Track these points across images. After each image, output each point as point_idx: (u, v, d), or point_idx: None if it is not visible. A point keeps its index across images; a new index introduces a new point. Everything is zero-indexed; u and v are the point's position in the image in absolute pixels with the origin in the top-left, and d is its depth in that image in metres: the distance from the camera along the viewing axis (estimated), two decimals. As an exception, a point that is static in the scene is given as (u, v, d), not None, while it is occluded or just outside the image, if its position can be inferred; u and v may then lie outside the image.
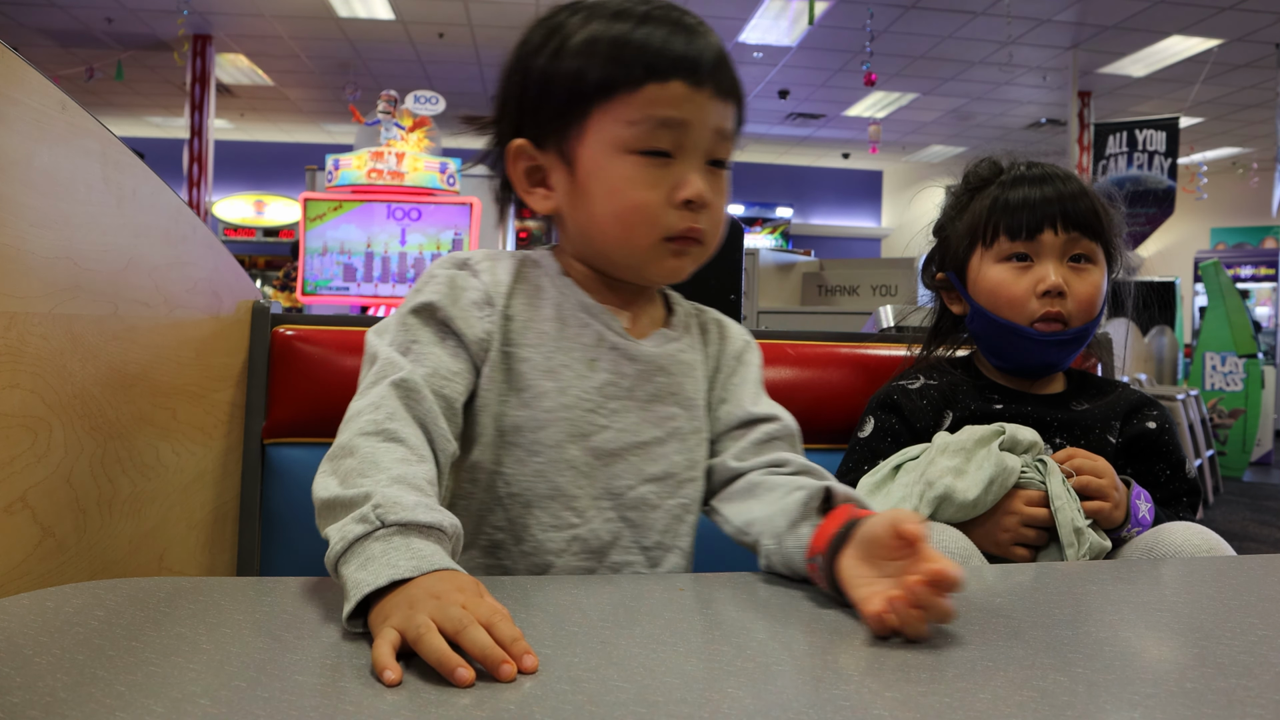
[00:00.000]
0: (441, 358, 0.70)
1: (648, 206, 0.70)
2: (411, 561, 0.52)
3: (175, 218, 0.92)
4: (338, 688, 0.44)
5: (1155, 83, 7.61)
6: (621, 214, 0.71)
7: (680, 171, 0.70)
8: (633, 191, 0.70)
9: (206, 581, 0.63)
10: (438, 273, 0.74)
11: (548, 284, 0.76)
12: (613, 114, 0.69)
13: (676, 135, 0.70)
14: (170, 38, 7.13)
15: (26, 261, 0.64)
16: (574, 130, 0.71)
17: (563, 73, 0.71)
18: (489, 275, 0.75)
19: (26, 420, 0.64)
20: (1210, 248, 10.52)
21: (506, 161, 0.76)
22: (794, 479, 0.74)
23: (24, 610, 0.53)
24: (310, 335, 1.09)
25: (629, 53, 0.69)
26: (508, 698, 0.43)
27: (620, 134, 0.69)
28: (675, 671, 0.48)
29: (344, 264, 4.55)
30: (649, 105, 0.69)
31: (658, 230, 0.71)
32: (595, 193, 0.71)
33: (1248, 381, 6.10)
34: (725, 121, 0.72)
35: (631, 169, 0.70)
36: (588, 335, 0.74)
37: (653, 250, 0.72)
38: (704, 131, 0.71)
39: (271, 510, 1.07)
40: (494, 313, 0.73)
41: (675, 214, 0.71)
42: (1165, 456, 1.04)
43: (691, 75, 0.69)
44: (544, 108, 0.73)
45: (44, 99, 0.66)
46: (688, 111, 0.69)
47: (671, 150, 0.70)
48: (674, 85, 0.69)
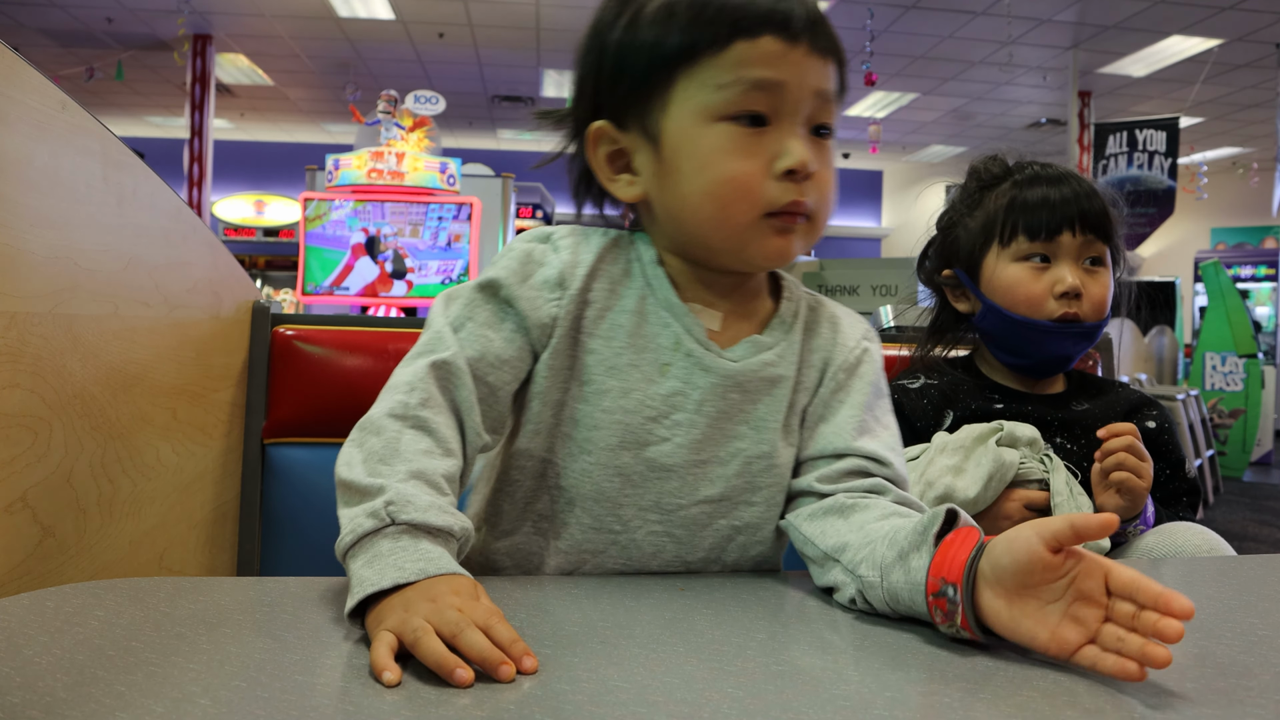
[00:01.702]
0: (493, 342, 0.65)
1: (744, 178, 0.62)
2: (417, 564, 0.52)
3: (175, 217, 0.92)
4: (338, 688, 0.44)
5: (1155, 83, 7.61)
6: (715, 189, 0.63)
7: (779, 138, 0.63)
8: (726, 162, 0.62)
9: (206, 581, 0.63)
10: (516, 245, 0.69)
11: (637, 271, 0.69)
12: (698, 79, 0.63)
13: (772, 98, 0.62)
14: (170, 37, 7.13)
15: (26, 261, 0.64)
16: (657, 102, 0.64)
17: (640, 41, 0.64)
18: (569, 253, 0.68)
19: (26, 420, 0.64)
20: (1210, 248, 10.51)
21: (586, 147, 0.69)
22: (893, 505, 0.65)
23: (24, 610, 0.53)
24: (310, 335, 1.09)
25: (711, 10, 0.62)
26: (507, 698, 0.43)
27: (708, 100, 0.62)
28: (675, 671, 0.48)
29: (344, 264, 4.55)
30: (738, 65, 0.62)
31: (758, 205, 0.63)
32: (684, 168, 0.64)
33: (1248, 381, 6.10)
34: (826, 82, 0.64)
35: (723, 137, 0.63)
36: (666, 336, 0.68)
37: (753, 228, 0.64)
38: (802, 93, 0.63)
39: (271, 510, 1.07)
40: (565, 296, 0.67)
41: (777, 186, 0.63)
42: (1165, 456, 1.04)
43: (784, 29, 0.62)
44: (622, 82, 0.66)
45: (44, 99, 0.66)
46: (783, 70, 0.62)
47: (768, 115, 0.63)
48: (765, 41, 0.61)
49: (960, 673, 0.49)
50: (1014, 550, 0.50)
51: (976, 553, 0.52)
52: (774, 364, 0.69)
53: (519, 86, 8.36)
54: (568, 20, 6.50)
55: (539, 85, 8.28)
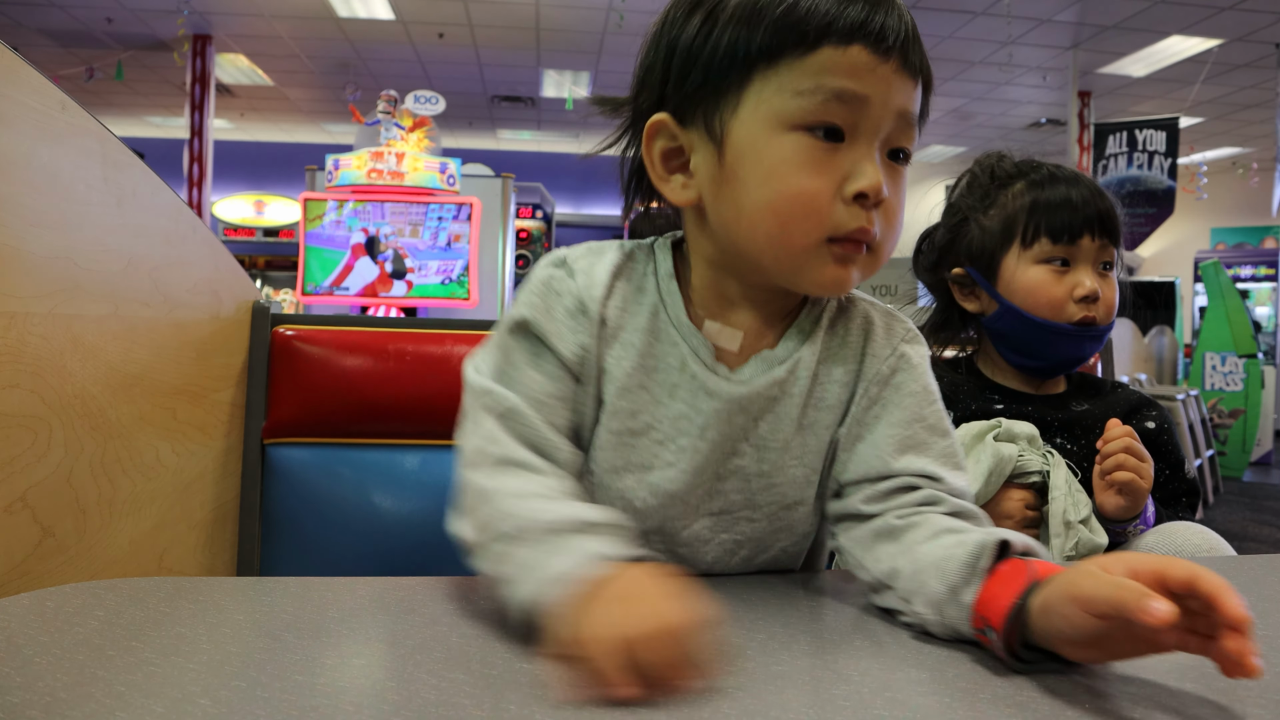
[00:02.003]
0: (536, 381, 0.63)
1: (811, 195, 0.58)
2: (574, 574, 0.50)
3: (175, 218, 0.92)
4: (338, 688, 0.44)
5: (1155, 83, 7.61)
6: (778, 203, 0.58)
7: (854, 158, 0.58)
8: (794, 176, 0.58)
9: (206, 581, 0.63)
10: (536, 275, 0.65)
11: (651, 285, 0.65)
12: (776, 81, 0.58)
13: (853, 112, 0.58)
14: (170, 38, 7.13)
15: (26, 261, 0.64)
16: (727, 101, 0.60)
17: (719, 35, 0.59)
18: (585, 276, 0.64)
19: (26, 420, 0.64)
20: (1210, 248, 10.51)
21: (643, 140, 0.63)
22: (945, 519, 0.61)
23: (24, 610, 0.53)
24: (310, 335, 1.09)
25: (801, 10, 0.57)
26: (509, 698, 0.43)
27: (785, 105, 0.57)
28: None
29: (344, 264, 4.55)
30: (822, 72, 0.57)
31: (822, 227, 0.58)
32: (747, 177, 0.59)
33: (1247, 381, 6.10)
34: (910, 104, 0.60)
35: (795, 149, 0.58)
36: (674, 356, 0.64)
37: (812, 252, 0.59)
38: (886, 111, 0.58)
39: (271, 510, 1.07)
40: (588, 322, 0.63)
41: (845, 209, 0.58)
42: (1165, 456, 1.04)
43: (877, 41, 0.57)
44: (693, 75, 0.61)
45: (44, 99, 0.66)
46: (869, 84, 0.57)
47: (845, 130, 0.58)
48: (855, 50, 0.57)
49: (960, 673, 0.49)
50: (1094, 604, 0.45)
51: (1027, 594, 0.49)
52: (783, 380, 0.65)
53: (519, 87, 8.36)
54: (568, 20, 6.50)
55: (539, 85, 8.27)
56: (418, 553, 1.04)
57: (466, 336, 1.11)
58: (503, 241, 5.09)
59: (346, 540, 1.05)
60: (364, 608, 0.58)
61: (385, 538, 1.05)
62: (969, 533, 0.57)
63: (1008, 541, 0.54)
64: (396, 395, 1.08)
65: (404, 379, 1.08)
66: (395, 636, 0.52)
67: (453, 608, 0.57)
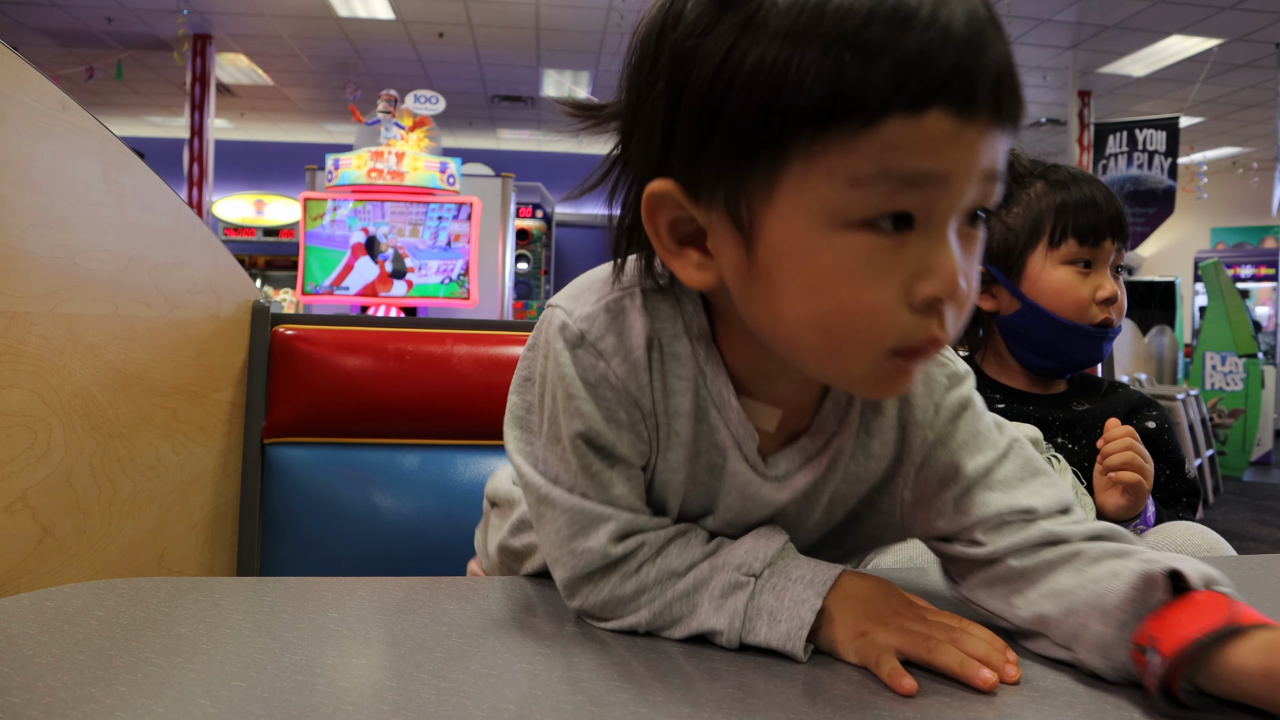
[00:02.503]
0: (622, 489, 0.54)
1: (872, 309, 0.45)
2: (817, 585, 0.51)
3: (175, 217, 0.92)
4: (338, 688, 0.44)
5: (1155, 82, 7.61)
6: (828, 321, 0.45)
7: (925, 248, 0.44)
8: (850, 287, 0.44)
9: (206, 581, 0.63)
10: (562, 364, 0.53)
11: (686, 350, 0.53)
12: (826, 162, 0.43)
13: (927, 195, 0.43)
14: (170, 37, 7.13)
15: (26, 261, 0.64)
16: (757, 183, 0.45)
17: (744, 84, 0.43)
18: (621, 362, 0.52)
19: (26, 420, 0.64)
20: (1210, 247, 10.51)
21: (641, 208, 0.49)
22: (1076, 548, 0.52)
23: (24, 610, 0.53)
24: (310, 335, 1.09)
25: (856, 61, 0.41)
26: (508, 698, 0.43)
27: (836, 199, 0.43)
28: (676, 671, 0.48)
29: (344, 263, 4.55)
30: (888, 150, 0.42)
31: (884, 341, 0.46)
32: (787, 284, 0.46)
33: (1248, 381, 6.10)
34: (998, 158, 0.45)
35: (851, 253, 0.44)
36: (717, 452, 0.55)
37: (869, 365, 0.47)
38: (970, 183, 0.44)
39: (271, 510, 1.07)
40: (644, 418, 0.54)
41: (913, 318, 0.45)
42: (1165, 456, 1.04)
43: (963, 100, 0.42)
44: (709, 137, 0.45)
45: (44, 99, 0.66)
46: (950, 158, 0.43)
47: (917, 215, 0.44)
48: (933, 118, 0.41)
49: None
50: None
51: (1220, 635, 0.43)
52: (822, 476, 0.56)
53: (519, 86, 8.36)
54: (568, 20, 6.50)
55: (539, 85, 8.27)
56: (418, 552, 1.04)
57: (466, 336, 1.11)
58: (502, 241, 5.10)
59: (346, 540, 1.05)
60: (364, 608, 0.58)
61: (385, 537, 1.05)
62: (1124, 560, 0.49)
63: (1179, 571, 0.46)
64: (396, 395, 1.08)
65: (404, 379, 1.08)
66: (395, 636, 0.52)
67: (453, 608, 0.57)
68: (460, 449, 1.10)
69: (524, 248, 7.67)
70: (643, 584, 0.53)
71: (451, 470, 1.09)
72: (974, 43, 0.42)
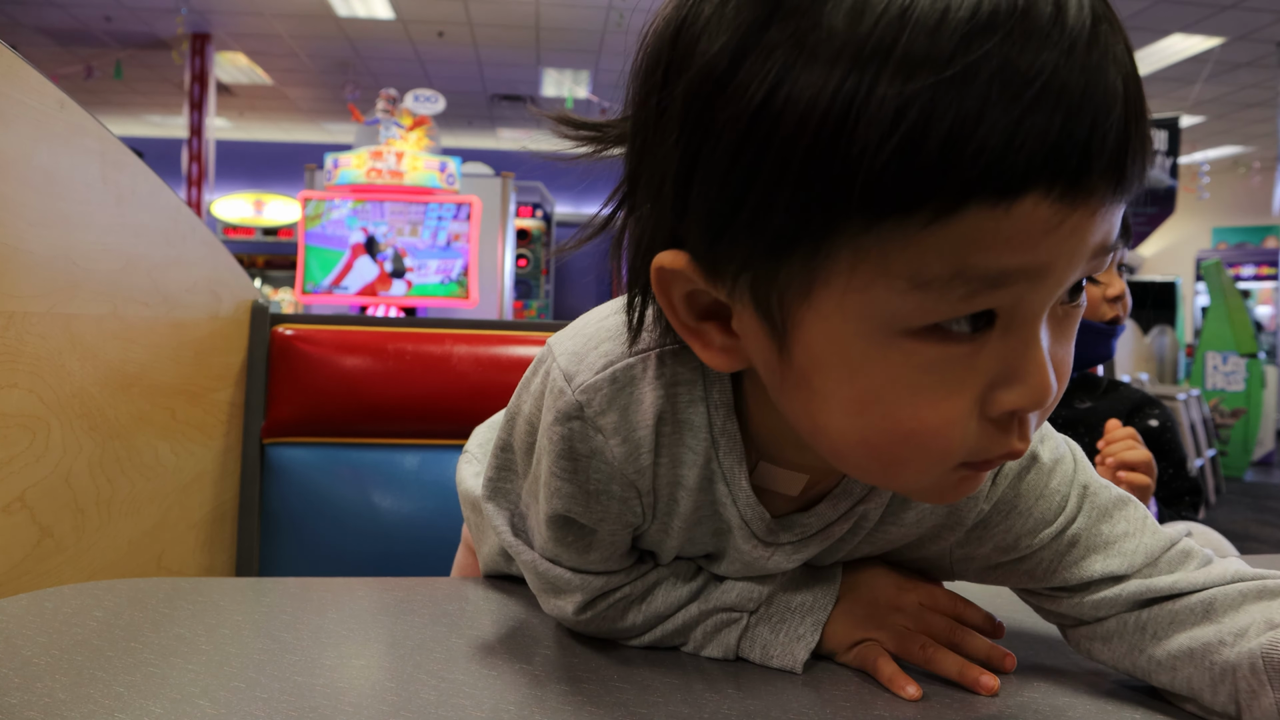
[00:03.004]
0: (597, 560, 0.49)
1: (937, 430, 0.36)
2: (817, 612, 0.50)
3: (174, 217, 0.92)
4: (338, 688, 0.44)
5: (1156, 81, 7.60)
6: (881, 441, 0.37)
7: (1011, 350, 0.35)
8: (911, 406, 0.35)
9: (205, 582, 0.63)
10: (550, 431, 0.45)
11: (701, 421, 0.45)
12: (882, 256, 0.32)
13: (1017, 292, 0.33)
14: (169, 36, 7.12)
15: (25, 260, 0.64)
16: (793, 275, 0.34)
17: (779, 145, 0.32)
18: (622, 443, 0.44)
19: (25, 420, 0.64)
20: (1211, 247, 10.51)
21: (651, 279, 0.39)
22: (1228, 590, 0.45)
23: (22, 611, 0.53)
24: (309, 335, 1.08)
25: (932, 134, 0.30)
26: (508, 698, 0.43)
27: (896, 303, 0.33)
28: (676, 671, 0.47)
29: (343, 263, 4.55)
30: (968, 247, 0.31)
31: (949, 459, 0.37)
32: (830, 395, 0.37)
33: (1249, 381, 6.10)
34: (1113, 230, 0.35)
35: (911, 366, 0.35)
36: (723, 516, 0.48)
37: (932, 481, 0.39)
38: (1071, 272, 0.34)
39: (270, 510, 1.07)
40: (637, 496, 0.46)
41: (987, 432, 0.36)
42: (1167, 455, 1.04)
43: (1073, 180, 0.31)
44: (733, 212, 0.34)
45: (43, 98, 0.66)
46: (1050, 248, 0.32)
47: (1000, 314, 0.34)
48: (1029, 205, 0.31)
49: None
50: None
51: None
52: (841, 538, 0.49)
53: (519, 86, 8.35)
54: (568, 19, 6.50)
55: (539, 84, 8.27)
56: (417, 553, 1.04)
57: (466, 336, 1.11)
58: (502, 241, 5.10)
59: (346, 540, 1.04)
60: (363, 608, 0.58)
61: (385, 538, 1.05)
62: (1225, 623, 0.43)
63: None
64: (396, 395, 1.08)
65: (403, 379, 1.08)
66: (395, 636, 0.52)
67: (453, 608, 0.57)
68: (460, 449, 1.10)
69: (524, 247, 7.67)
70: (630, 625, 0.51)
71: (451, 470, 1.08)
72: (1090, 108, 0.30)
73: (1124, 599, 0.46)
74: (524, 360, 1.10)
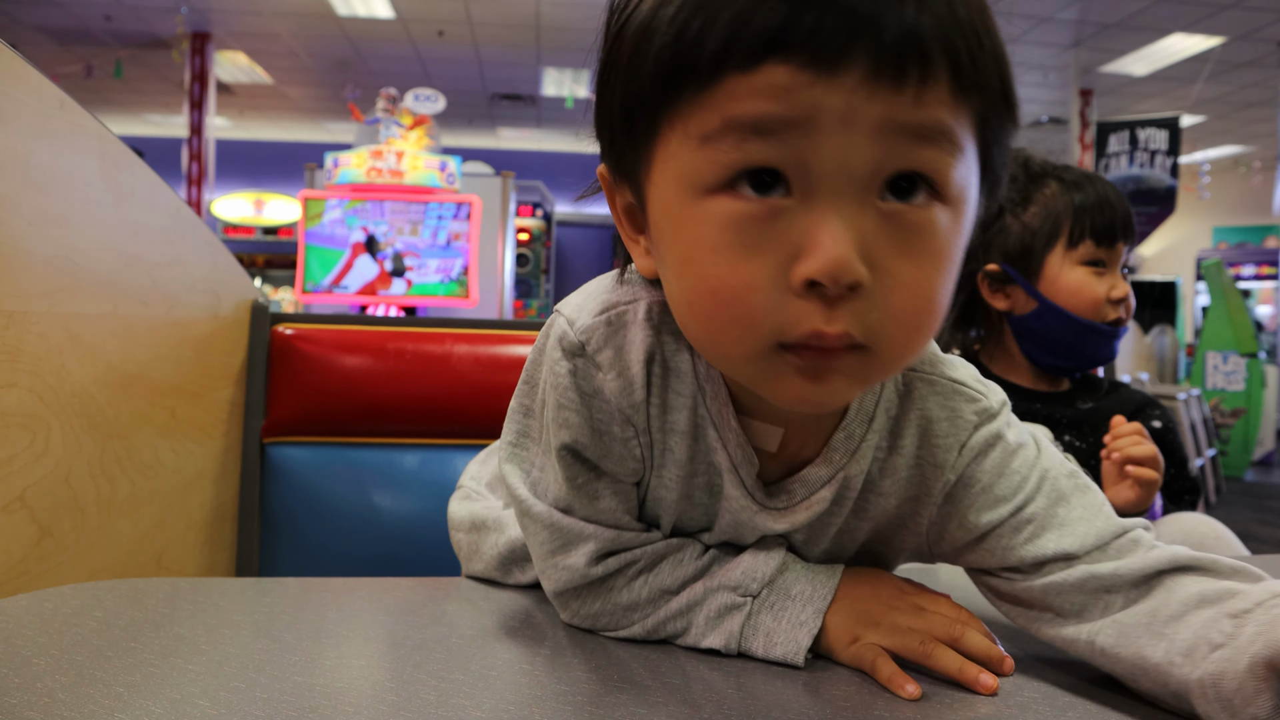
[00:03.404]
0: (609, 508, 0.53)
1: (740, 291, 0.40)
2: (817, 601, 0.50)
3: (174, 216, 0.92)
4: (337, 689, 0.44)
5: (1157, 81, 7.60)
6: (700, 302, 0.42)
7: (806, 221, 0.39)
8: (712, 263, 0.40)
9: (205, 582, 0.63)
10: (559, 374, 0.50)
11: (686, 366, 0.50)
12: (682, 125, 0.40)
13: (788, 150, 0.38)
14: (169, 35, 7.12)
15: (24, 260, 0.64)
16: (642, 153, 0.43)
17: (622, 58, 0.42)
18: (616, 376, 0.49)
19: (24, 419, 0.64)
20: (1212, 247, 10.51)
21: (607, 199, 0.50)
22: (1169, 601, 0.45)
23: (22, 611, 0.53)
24: (309, 334, 1.08)
25: (700, 19, 0.38)
26: (507, 699, 0.43)
27: (691, 160, 0.40)
28: (676, 672, 0.47)
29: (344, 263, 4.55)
30: (729, 102, 0.38)
31: (758, 332, 0.40)
32: (668, 257, 0.44)
33: (1249, 381, 6.10)
34: (909, 112, 0.38)
35: (712, 222, 0.40)
36: (715, 464, 0.51)
37: (760, 362, 0.42)
38: (849, 138, 0.38)
39: (270, 510, 1.07)
40: (634, 433, 0.50)
41: (792, 304, 0.39)
42: (1170, 456, 1.05)
43: (807, 48, 0.37)
44: (610, 114, 0.44)
45: (42, 97, 0.66)
46: (801, 105, 0.37)
47: (787, 173, 0.39)
48: (769, 70, 0.37)
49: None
50: None
51: None
52: (826, 511, 0.52)
53: (519, 85, 8.35)
54: (568, 19, 6.50)
55: (539, 83, 8.27)
56: (417, 553, 1.04)
57: (466, 335, 1.11)
58: (502, 240, 5.10)
59: (346, 540, 1.04)
60: (363, 608, 0.58)
61: (384, 538, 1.05)
62: (1208, 610, 0.43)
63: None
64: (396, 394, 1.08)
65: (404, 378, 1.08)
66: (395, 637, 0.52)
67: (452, 608, 0.57)
68: (460, 449, 1.10)
69: (524, 247, 7.67)
70: (634, 600, 0.52)
71: (451, 470, 1.08)
72: None
73: (1070, 583, 0.48)
74: (524, 360, 1.10)
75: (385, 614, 0.57)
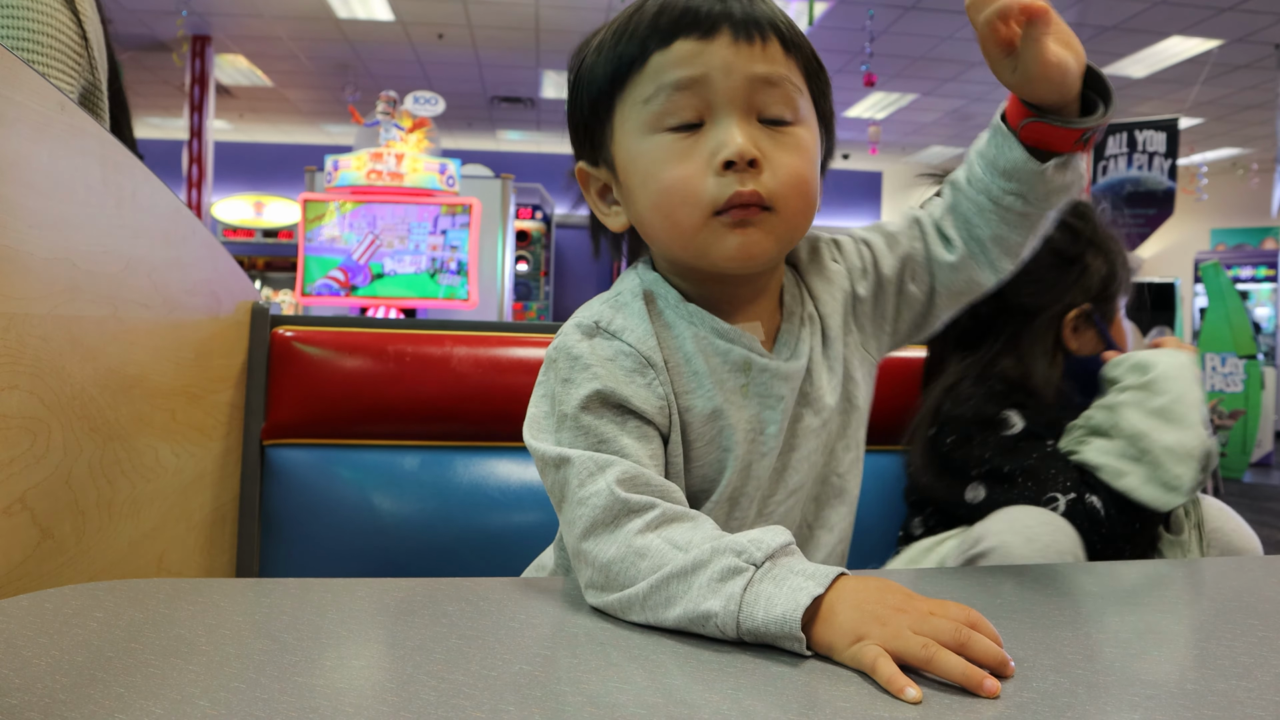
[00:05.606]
0: (634, 447, 0.62)
1: (682, 180, 0.62)
2: (820, 577, 0.51)
3: (174, 219, 0.92)
4: (337, 689, 0.44)
5: (1155, 83, 7.61)
6: (659, 199, 0.64)
7: (716, 135, 0.62)
8: (663, 170, 0.63)
9: (205, 583, 0.63)
10: (572, 350, 0.65)
11: (673, 315, 0.68)
12: (630, 100, 0.65)
13: (698, 97, 0.63)
14: (169, 38, 7.13)
15: (25, 263, 0.64)
16: (608, 132, 0.68)
17: (585, 79, 0.68)
18: (629, 331, 0.66)
19: (25, 422, 0.64)
20: (1210, 249, 10.51)
21: (584, 192, 0.73)
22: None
23: (23, 612, 0.53)
24: (309, 336, 1.09)
25: (629, 34, 0.64)
26: (508, 699, 0.43)
27: (640, 116, 0.64)
28: (676, 672, 0.47)
29: (344, 265, 4.55)
30: (657, 74, 0.63)
31: (701, 205, 0.62)
32: (635, 187, 0.66)
33: (1248, 382, 6.10)
34: (763, 66, 0.63)
35: (658, 146, 0.64)
36: (733, 359, 0.67)
37: (705, 230, 0.63)
38: (731, 81, 0.62)
39: (270, 511, 1.07)
40: (655, 372, 0.65)
41: (717, 181, 0.62)
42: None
43: (696, 27, 0.62)
44: (581, 122, 0.69)
45: (43, 100, 0.66)
46: (701, 64, 0.62)
47: (700, 115, 0.63)
48: (678, 46, 0.63)
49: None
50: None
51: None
52: (814, 351, 0.71)
53: (518, 87, 8.36)
54: (567, 21, 6.50)
55: (538, 86, 8.28)
56: (417, 553, 1.04)
57: (465, 337, 1.11)
58: (502, 242, 5.10)
59: (346, 542, 1.05)
60: (363, 609, 0.58)
61: (385, 539, 1.05)
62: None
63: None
64: (396, 396, 1.08)
65: (403, 380, 1.08)
66: (395, 637, 0.52)
67: (452, 608, 0.57)
68: (460, 450, 1.10)
69: (523, 249, 7.67)
70: (646, 548, 0.55)
71: (451, 472, 1.09)
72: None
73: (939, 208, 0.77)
74: (524, 361, 1.10)
75: (385, 615, 0.57)
